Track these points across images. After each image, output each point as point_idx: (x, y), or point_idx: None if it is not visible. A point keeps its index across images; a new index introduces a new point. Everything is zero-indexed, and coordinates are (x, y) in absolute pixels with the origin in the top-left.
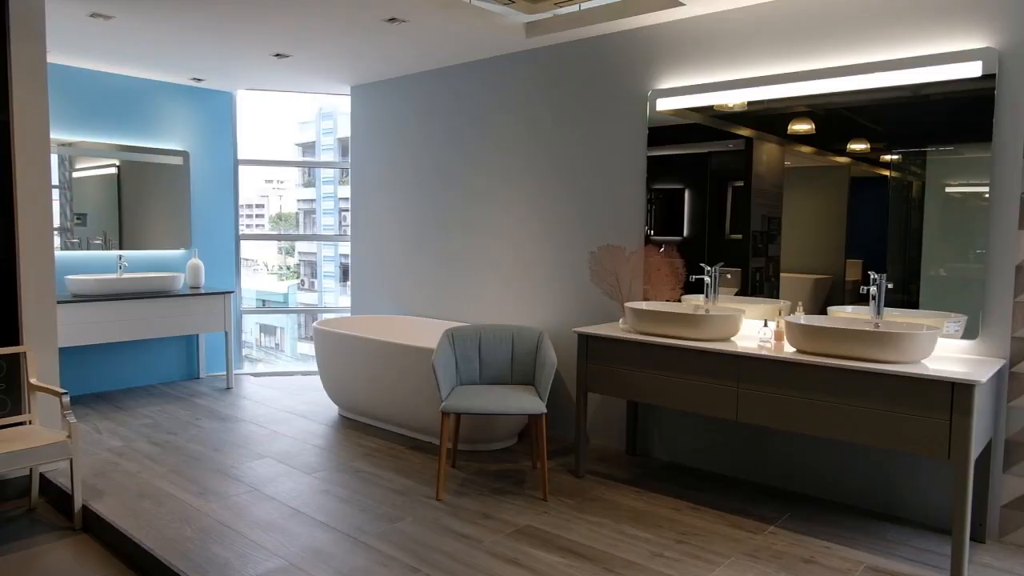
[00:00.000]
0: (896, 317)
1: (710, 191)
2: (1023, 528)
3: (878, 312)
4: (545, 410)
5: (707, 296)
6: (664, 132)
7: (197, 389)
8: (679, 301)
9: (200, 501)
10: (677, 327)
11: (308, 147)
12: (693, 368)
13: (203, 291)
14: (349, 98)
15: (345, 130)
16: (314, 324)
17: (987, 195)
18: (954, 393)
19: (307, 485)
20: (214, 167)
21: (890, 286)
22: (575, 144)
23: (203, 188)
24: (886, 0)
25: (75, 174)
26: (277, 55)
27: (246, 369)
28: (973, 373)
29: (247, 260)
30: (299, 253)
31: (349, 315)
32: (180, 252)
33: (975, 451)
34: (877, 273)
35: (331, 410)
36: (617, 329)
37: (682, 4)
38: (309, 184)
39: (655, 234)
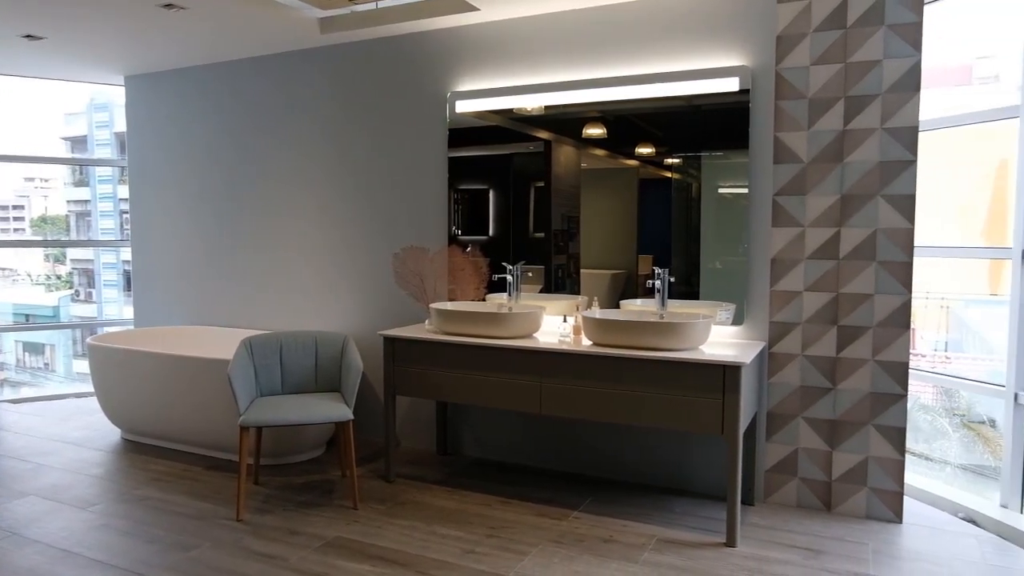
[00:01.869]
0: (678, 308)
1: (513, 191)
2: (783, 489)
3: (662, 304)
4: (351, 416)
5: (510, 294)
6: (466, 133)
7: None
8: (484, 300)
9: None
10: (481, 326)
11: (79, 141)
12: (498, 366)
13: None
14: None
15: (123, 124)
16: (88, 339)
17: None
18: (725, 375)
19: (81, 521)
20: None
21: (673, 280)
22: (374, 146)
23: None
24: (662, 17)
25: None
26: (28, 36)
27: (5, 395)
28: (740, 355)
29: (4, 270)
30: (72, 260)
31: (132, 328)
32: None
33: (743, 425)
34: (661, 268)
35: (112, 434)
36: (423, 330)
37: (477, 9)
38: (82, 183)
39: (462, 234)
